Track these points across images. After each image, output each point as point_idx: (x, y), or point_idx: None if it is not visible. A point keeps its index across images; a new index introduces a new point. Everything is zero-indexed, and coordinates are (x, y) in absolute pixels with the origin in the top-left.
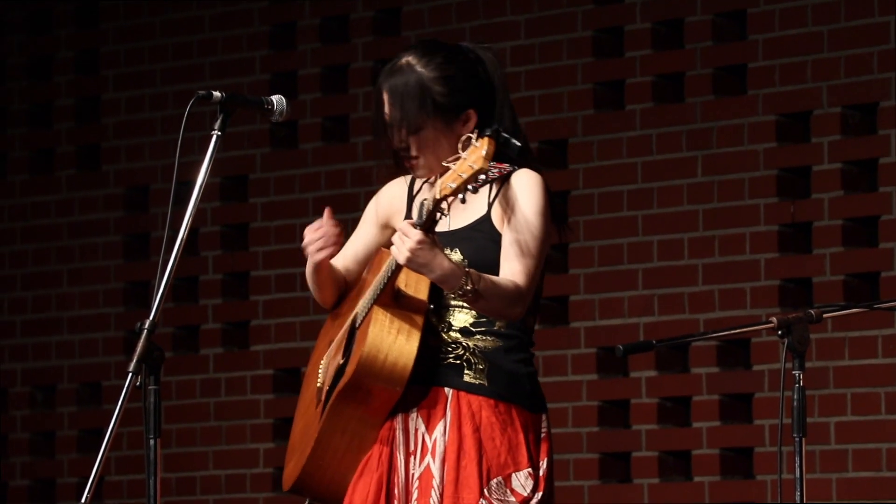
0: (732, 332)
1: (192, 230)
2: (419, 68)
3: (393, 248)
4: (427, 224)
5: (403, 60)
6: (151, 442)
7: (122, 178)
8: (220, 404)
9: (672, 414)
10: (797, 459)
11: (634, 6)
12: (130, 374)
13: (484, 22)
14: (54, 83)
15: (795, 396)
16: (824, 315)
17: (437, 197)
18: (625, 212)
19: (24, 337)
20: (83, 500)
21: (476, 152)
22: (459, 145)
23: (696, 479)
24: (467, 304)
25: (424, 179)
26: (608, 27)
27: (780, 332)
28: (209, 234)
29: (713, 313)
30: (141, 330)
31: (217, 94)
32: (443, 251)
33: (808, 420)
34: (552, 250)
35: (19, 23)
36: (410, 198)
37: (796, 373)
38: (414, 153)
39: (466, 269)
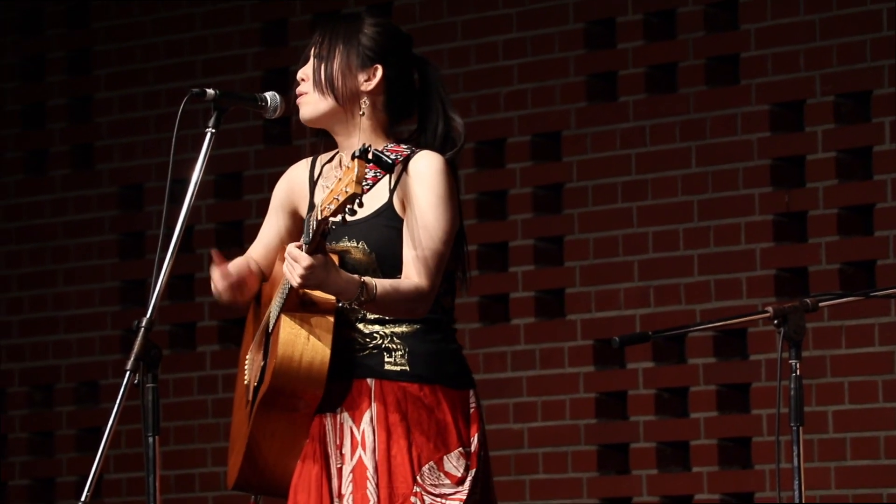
0: (728, 322)
1: (188, 228)
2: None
3: (284, 271)
4: (314, 244)
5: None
6: (150, 440)
7: (116, 177)
8: (218, 401)
9: (669, 405)
10: (795, 449)
11: None
12: (128, 372)
13: (475, 15)
14: (47, 83)
15: (792, 385)
16: (820, 304)
17: (319, 218)
18: (619, 203)
19: (21, 337)
20: (83, 499)
21: (349, 175)
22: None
23: (695, 469)
24: (366, 311)
25: (326, 161)
26: (600, 19)
27: (776, 322)
28: (204, 231)
29: (709, 304)
30: (138, 328)
31: (210, 91)
32: (335, 267)
33: (806, 409)
34: (548, 243)
35: (11, 23)
36: (312, 182)
37: (793, 362)
38: (306, 90)
39: (363, 281)
